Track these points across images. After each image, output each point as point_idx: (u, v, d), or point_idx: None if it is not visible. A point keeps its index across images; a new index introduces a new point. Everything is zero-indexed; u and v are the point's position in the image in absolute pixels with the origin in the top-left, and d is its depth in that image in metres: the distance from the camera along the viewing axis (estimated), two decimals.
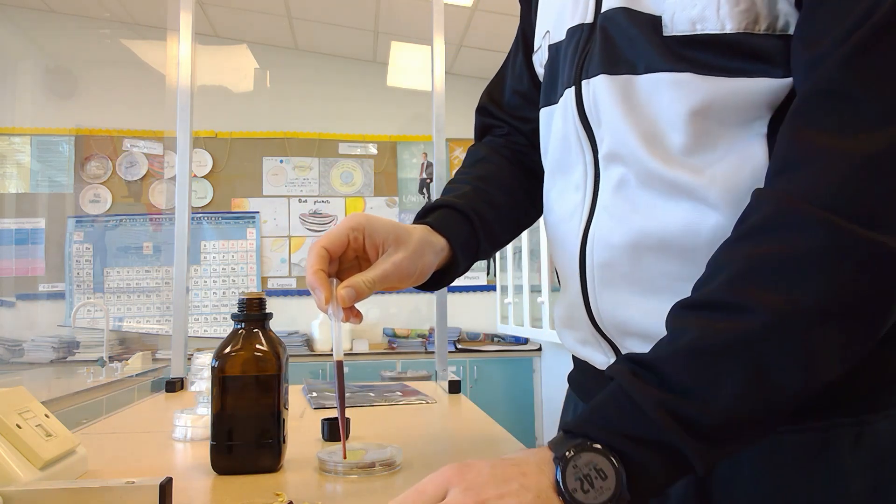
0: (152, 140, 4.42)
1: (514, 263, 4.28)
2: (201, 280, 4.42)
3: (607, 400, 0.49)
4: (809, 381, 0.48)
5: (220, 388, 0.74)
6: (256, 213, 4.53)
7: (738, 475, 0.59)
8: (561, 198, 0.71)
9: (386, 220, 0.68)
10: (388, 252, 0.67)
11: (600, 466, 0.45)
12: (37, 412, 0.72)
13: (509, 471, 0.46)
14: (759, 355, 0.47)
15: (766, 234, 0.49)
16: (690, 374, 0.47)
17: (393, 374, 3.50)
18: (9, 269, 4.24)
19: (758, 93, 0.56)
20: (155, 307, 4.33)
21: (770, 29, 0.56)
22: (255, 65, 4.66)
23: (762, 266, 0.48)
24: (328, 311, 0.64)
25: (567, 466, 0.45)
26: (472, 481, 0.45)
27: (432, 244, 0.71)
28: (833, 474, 0.56)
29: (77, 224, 4.33)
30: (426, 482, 0.46)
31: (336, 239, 0.66)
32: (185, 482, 0.71)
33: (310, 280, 0.64)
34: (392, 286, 0.68)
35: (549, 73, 0.74)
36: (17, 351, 4.01)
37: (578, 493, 0.45)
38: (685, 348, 0.48)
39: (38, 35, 4.36)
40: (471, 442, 0.92)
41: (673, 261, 0.59)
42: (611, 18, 0.63)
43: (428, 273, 0.71)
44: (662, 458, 0.47)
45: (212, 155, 4.50)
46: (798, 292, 0.47)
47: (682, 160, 0.58)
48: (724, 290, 0.49)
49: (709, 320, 0.48)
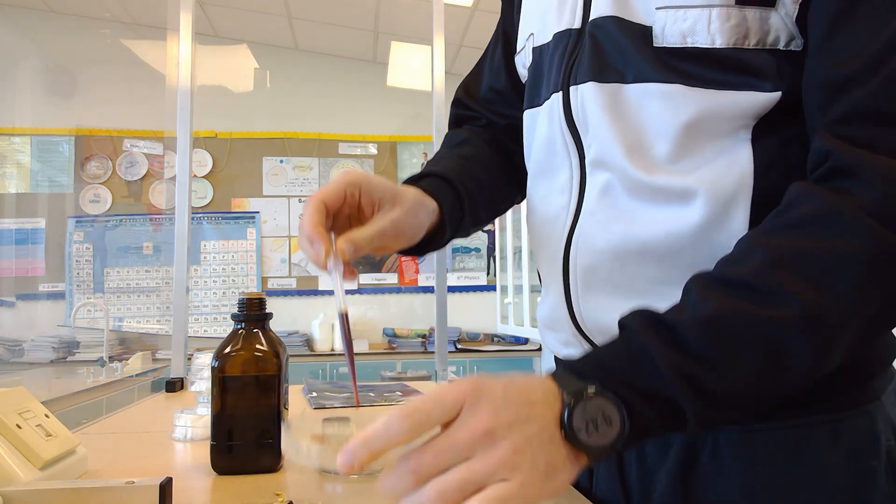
0: (152, 140, 4.42)
1: (514, 263, 4.28)
2: (201, 280, 4.41)
3: (623, 350, 0.50)
4: (820, 372, 0.49)
5: (220, 388, 0.74)
6: (256, 213, 4.53)
7: (721, 471, 0.60)
8: (545, 200, 0.71)
9: (381, 178, 0.68)
10: (385, 209, 0.66)
11: (608, 413, 0.46)
12: (37, 412, 0.72)
13: (520, 397, 0.46)
14: (782, 343, 0.47)
15: (811, 227, 0.49)
16: (710, 345, 0.48)
17: (393, 374, 3.50)
18: (9, 269, 4.24)
19: (746, 105, 0.57)
20: (155, 307, 4.33)
21: (760, 44, 0.56)
22: (255, 65, 4.66)
23: (802, 258, 0.49)
24: (328, 265, 0.62)
25: (577, 407, 0.46)
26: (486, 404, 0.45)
27: (425, 205, 0.71)
28: (813, 469, 0.58)
29: (77, 224, 4.33)
30: (445, 393, 0.46)
31: (333, 193, 0.64)
32: (185, 482, 0.71)
33: (308, 233, 0.62)
34: (387, 244, 0.67)
35: (534, 76, 0.74)
36: (17, 351, 4.01)
37: (582, 433, 0.46)
38: (710, 319, 0.48)
39: (38, 35, 4.36)
40: None
41: (655, 265, 0.60)
42: (600, 26, 0.63)
43: (420, 234, 0.71)
44: (664, 414, 0.48)
45: (212, 155, 4.50)
46: (835, 292, 0.48)
47: (667, 168, 0.59)
48: (758, 274, 0.49)
49: (738, 298, 0.48)
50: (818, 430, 0.58)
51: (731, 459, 0.60)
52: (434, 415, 0.45)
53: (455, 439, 0.44)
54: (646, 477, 0.64)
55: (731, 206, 0.57)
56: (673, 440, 0.62)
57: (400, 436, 0.44)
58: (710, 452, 0.60)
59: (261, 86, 4.69)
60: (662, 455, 0.63)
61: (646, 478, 0.64)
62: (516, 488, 0.44)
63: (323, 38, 4.52)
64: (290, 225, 4.57)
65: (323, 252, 0.62)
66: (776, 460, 0.58)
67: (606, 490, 0.67)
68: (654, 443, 0.64)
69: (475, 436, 0.44)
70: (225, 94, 4.59)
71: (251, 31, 4.51)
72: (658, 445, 0.63)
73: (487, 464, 0.44)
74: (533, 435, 0.45)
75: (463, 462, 0.44)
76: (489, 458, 0.44)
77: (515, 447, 0.44)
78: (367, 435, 0.44)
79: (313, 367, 3.98)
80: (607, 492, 0.67)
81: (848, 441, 0.58)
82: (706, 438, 0.61)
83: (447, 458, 0.44)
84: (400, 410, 0.44)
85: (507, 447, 0.44)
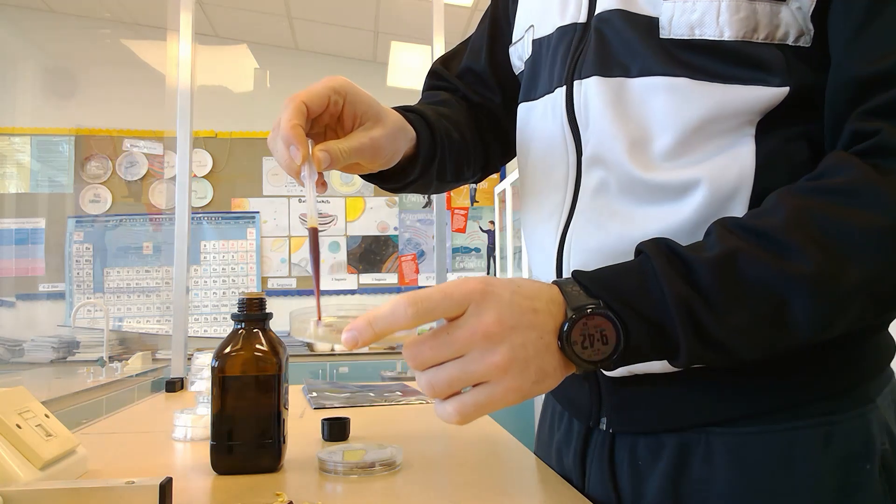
0: (152, 140, 4.42)
1: (513, 263, 4.28)
2: (201, 280, 4.41)
3: (633, 273, 0.50)
4: (817, 337, 0.50)
5: (220, 388, 0.74)
6: (256, 213, 4.53)
7: (712, 475, 0.59)
8: (540, 198, 0.70)
9: (366, 93, 0.65)
10: (367, 126, 0.64)
11: (606, 332, 0.47)
12: (37, 412, 0.72)
13: (524, 304, 0.47)
14: (788, 296, 0.48)
15: (842, 196, 0.49)
16: (720, 285, 0.48)
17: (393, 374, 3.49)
18: (9, 269, 4.24)
19: (752, 100, 0.56)
20: (155, 307, 4.33)
21: (769, 38, 0.56)
22: (255, 65, 4.66)
23: (827, 223, 0.49)
24: (302, 172, 0.59)
25: (578, 321, 0.47)
26: (492, 306, 0.46)
27: (406, 132, 0.69)
28: (803, 473, 0.57)
29: (77, 224, 4.33)
30: (454, 287, 0.47)
31: (317, 96, 0.61)
32: (185, 482, 0.71)
33: (286, 135, 0.58)
34: (362, 163, 0.65)
35: (531, 69, 0.73)
36: (17, 351, 4.01)
37: (577, 346, 0.47)
38: (723, 260, 0.48)
39: (38, 35, 4.36)
40: (470, 441, 0.92)
41: None
42: (606, 20, 0.63)
43: (395, 160, 0.69)
44: (658, 342, 0.49)
45: (212, 155, 4.50)
46: (852, 262, 0.48)
47: (665, 165, 0.59)
48: (780, 228, 0.49)
49: (755, 246, 0.49)
50: (811, 432, 0.58)
51: (723, 462, 0.59)
52: (440, 307, 0.46)
53: (455, 336, 0.46)
54: (637, 479, 0.64)
55: (729, 202, 0.57)
56: (665, 442, 0.62)
57: (404, 321, 0.46)
58: (702, 455, 0.60)
59: (261, 86, 4.69)
60: (655, 458, 0.62)
61: (637, 480, 0.64)
62: (500, 393, 0.46)
63: (323, 38, 4.51)
64: (289, 225, 4.57)
65: (300, 157, 0.58)
66: (768, 463, 0.58)
67: (598, 492, 0.67)
68: (647, 445, 0.63)
69: (475, 337, 0.45)
70: (225, 94, 4.59)
71: (251, 31, 4.51)
72: (650, 448, 0.63)
73: (480, 365, 0.46)
74: (530, 342, 0.46)
75: (458, 359, 0.46)
76: (483, 361, 0.45)
77: (511, 354, 0.46)
78: (372, 315, 0.46)
79: (313, 367, 3.98)
80: (599, 494, 0.67)
81: (841, 444, 0.57)
82: (699, 441, 0.60)
83: (444, 353, 0.46)
84: (407, 296, 0.46)
85: (503, 353, 0.45)
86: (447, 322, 0.47)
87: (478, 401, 0.46)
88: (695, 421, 0.61)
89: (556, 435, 0.77)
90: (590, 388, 0.68)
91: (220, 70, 4.59)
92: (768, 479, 0.58)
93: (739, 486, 0.58)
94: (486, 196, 4.83)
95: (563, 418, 0.76)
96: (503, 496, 0.67)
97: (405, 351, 0.48)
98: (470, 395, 0.46)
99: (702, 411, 0.60)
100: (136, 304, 4.32)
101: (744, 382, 0.59)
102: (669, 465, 0.61)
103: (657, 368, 0.60)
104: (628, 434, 0.65)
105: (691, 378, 0.60)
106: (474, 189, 4.82)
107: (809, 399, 0.58)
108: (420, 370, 0.48)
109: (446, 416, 0.47)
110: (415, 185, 0.77)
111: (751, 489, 0.58)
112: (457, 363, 0.46)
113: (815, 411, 0.58)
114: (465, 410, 0.46)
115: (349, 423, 0.94)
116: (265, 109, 4.58)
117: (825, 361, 0.58)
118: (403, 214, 4.69)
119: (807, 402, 0.58)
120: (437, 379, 0.47)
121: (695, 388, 0.60)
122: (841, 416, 0.58)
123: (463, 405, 0.46)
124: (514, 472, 0.78)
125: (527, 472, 0.77)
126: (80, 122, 4.37)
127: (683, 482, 0.60)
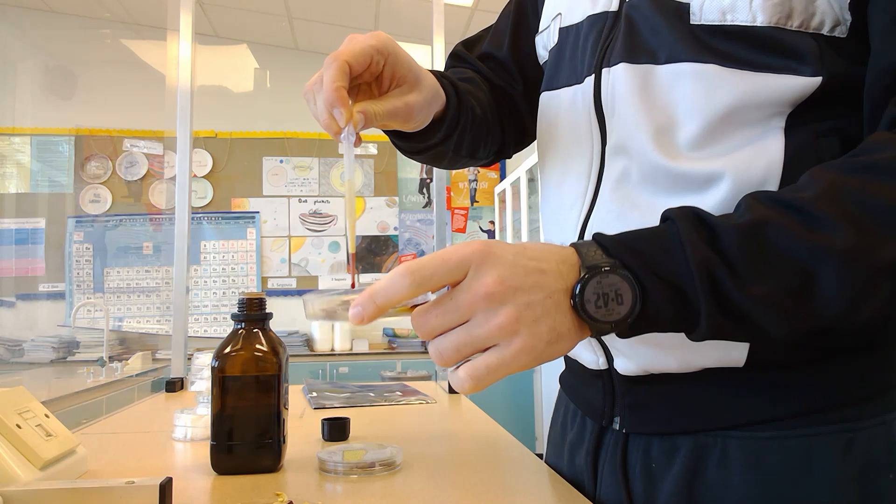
0: (152, 140, 4.42)
1: None
2: (201, 280, 4.41)
3: (657, 236, 0.48)
4: (844, 317, 0.47)
5: (220, 388, 0.74)
6: (256, 213, 4.53)
7: (728, 480, 0.58)
8: (561, 187, 0.70)
9: (406, 53, 0.65)
10: (404, 89, 0.64)
11: (622, 292, 0.45)
12: (37, 412, 0.72)
13: (529, 264, 0.46)
14: (817, 269, 0.45)
15: (880, 174, 0.47)
16: (746, 253, 0.46)
17: (393, 374, 3.50)
18: (9, 269, 4.24)
19: (784, 90, 0.55)
20: (155, 307, 4.33)
21: (804, 26, 0.54)
22: (255, 65, 4.66)
23: (862, 198, 0.46)
24: (342, 133, 0.60)
25: (592, 279, 0.45)
26: (492, 267, 0.45)
27: (440, 96, 0.69)
28: (823, 481, 0.55)
29: (77, 224, 4.33)
30: (450, 252, 0.46)
31: (361, 56, 0.60)
32: (185, 482, 0.71)
33: (330, 97, 0.58)
34: (392, 124, 0.65)
35: (556, 58, 0.73)
36: (17, 351, 4.01)
37: (590, 305, 0.45)
38: (752, 229, 0.46)
39: (38, 35, 4.36)
40: (471, 442, 0.92)
41: None
42: (636, 7, 0.62)
43: (424, 123, 0.69)
44: (676, 308, 0.47)
45: (212, 155, 4.50)
46: (886, 241, 0.45)
47: (691, 154, 0.57)
48: (813, 201, 0.47)
49: (787, 216, 0.47)
50: (832, 439, 0.56)
51: (739, 467, 0.57)
52: (438, 273, 0.45)
53: (457, 301, 0.45)
54: (651, 482, 0.62)
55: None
56: (680, 444, 0.60)
57: (403, 291, 0.45)
58: (717, 460, 0.58)
59: (261, 86, 4.69)
60: (669, 460, 0.61)
61: (651, 483, 0.62)
62: (510, 355, 0.44)
63: (323, 38, 4.51)
64: (289, 225, 4.57)
65: (343, 120, 0.59)
66: (787, 469, 0.56)
67: (610, 494, 0.66)
68: (661, 448, 0.62)
69: (476, 299, 0.44)
70: (225, 94, 4.60)
71: (251, 31, 4.51)
72: (664, 450, 0.62)
73: (486, 328, 0.44)
74: (537, 302, 0.45)
75: (463, 325, 0.45)
76: (487, 323, 0.44)
77: (517, 313, 0.44)
78: (372, 289, 0.46)
79: (313, 367, 3.98)
80: (611, 496, 0.66)
81: (863, 452, 0.55)
82: (715, 444, 0.59)
83: (449, 319, 0.45)
84: (405, 266, 0.45)
85: (508, 313, 0.44)
86: (451, 288, 0.46)
87: (489, 364, 0.45)
88: (711, 423, 0.59)
89: (569, 434, 0.75)
90: (603, 385, 0.67)
91: (220, 70, 4.59)
92: (786, 486, 0.56)
93: (756, 491, 0.56)
94: (486, 196, 4.83)
95: (577, 417, 0.74)
96: (503, 496, 0.67)
97: (413, 320, 0.47)
98: (481, 358, 0.45)
99: (718, 414, 0.59)
100: (136, 304, 4.32)
101: (763, 386, 0.58)
102: (684, 467, 0.60)
103: (673, 367, 0.59)
104: (642, 435, 0.64)
105: (707, 379, 0.59)
106: (474, 189, 4.83)
107: (831, 405, 0.56)
108: (429, 339, 0.47)
109: (459, 384, 0.46)
110: (432, 151, 0.76)
111: (768, 495, 0.56)
112: (462, 328, 0.45)
113: (837, 417, 0.56)
114: (478, 374, 0.45)
115: (349, 423, 0.94)
116: (265, 109, 4.58)
117: (848, 367, 0.57)
118: (403, 214, 4.69)
119: (828, 408, 0.56)
120: (444, 346, 0.45)
121: (711, 389, 0.59)
122: (863, 423, 0.56)
123: (475, 369, 0.45)
124: (514, 472, 0.78)
125: (527, 472, 0.77)
126: (80, 122, 4.37)
127: (698, 486, 0.59)
